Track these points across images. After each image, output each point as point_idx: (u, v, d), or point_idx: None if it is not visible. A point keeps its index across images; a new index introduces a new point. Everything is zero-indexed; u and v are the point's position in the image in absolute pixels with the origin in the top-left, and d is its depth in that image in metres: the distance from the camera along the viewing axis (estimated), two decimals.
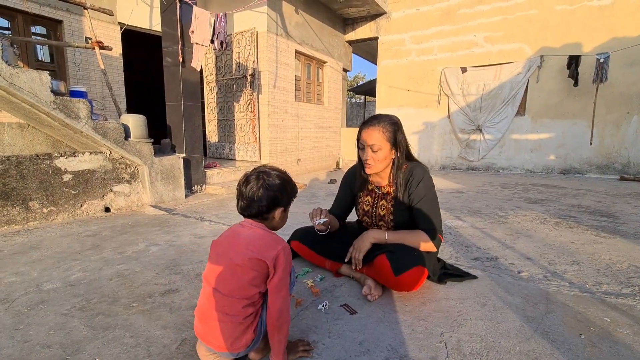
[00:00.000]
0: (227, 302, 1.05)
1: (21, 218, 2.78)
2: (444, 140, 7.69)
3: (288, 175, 1.19)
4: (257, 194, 1.10)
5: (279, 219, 1.18)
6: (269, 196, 1.10)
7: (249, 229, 1.12)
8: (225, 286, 1.06)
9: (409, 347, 1.23)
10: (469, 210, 3.52)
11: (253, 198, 1.10)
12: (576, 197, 4.23)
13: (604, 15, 5.98)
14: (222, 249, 1.11)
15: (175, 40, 4.05)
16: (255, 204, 1.10)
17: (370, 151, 1.56)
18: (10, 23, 4.51)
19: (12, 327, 1.34)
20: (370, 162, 1.59)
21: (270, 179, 1.12)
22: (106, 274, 1.87)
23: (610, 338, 1.29)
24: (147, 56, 8.11)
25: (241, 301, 1.05)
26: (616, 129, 6.11)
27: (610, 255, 2.20)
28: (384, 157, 1.58)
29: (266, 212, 1.12)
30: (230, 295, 1.05)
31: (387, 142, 1.56)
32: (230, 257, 1.08)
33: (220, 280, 1.08)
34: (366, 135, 1.58)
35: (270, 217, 1.15)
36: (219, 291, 1.07)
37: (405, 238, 1.58)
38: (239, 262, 1.05)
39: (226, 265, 1.08)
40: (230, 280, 1.06)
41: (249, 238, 1.09)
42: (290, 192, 1.18)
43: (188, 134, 4.25)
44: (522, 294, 1.65)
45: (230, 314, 1.04)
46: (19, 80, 2.55)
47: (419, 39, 7.65)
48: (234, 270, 1.06)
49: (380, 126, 1.55)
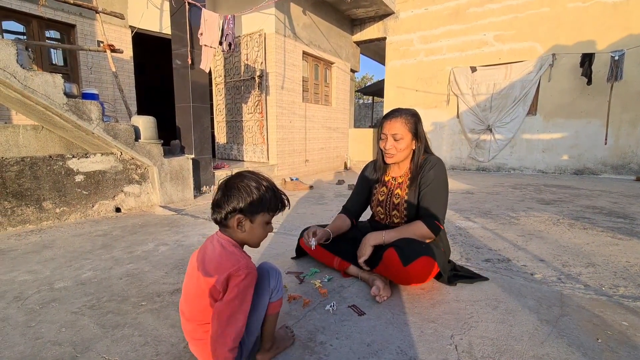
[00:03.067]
0: (190, 327, 1.00)
1: (35, 218, 2.83)
2: (453, 140, 7.61)
3: (269, 183, 1.03)
4: (217, 198, 0.99)
5: (239, 230, 0.99)
6: (227, 200, 0.97)
7: (212, 245, 1.01)
8: (187, 310, 1.01)
9: (418, 349, 1.21)
10: (480, 211, 3.46)
11: (214, 203, 1.00)
12: (590, 198, 4.13)
13: (618, 12, 5.84)
14: (190, 267, 1.03)
15: (185, 43, 4.10)
16: (215, 209, 0.99)
17: (393, 140, 1.62)
18: (26, 28, 4.62)
19: (24, 324, 1.37)
20: (392, 152, 1.64)
21: (235, 182, 0.98)
22: (116, 273, 1.89)
23: (629, 343, 1.24)
24: (157, 59, 8.23)
25: (202, 326, 0.97)
26: (632, 128, 5.95)
27: (628, 258, 2.13)
28: (406, 147, 1.63)
29: (224, 218, 0.98)
30: (191, 320, 0.99)
31: (408, 132, 1.62)
32: (191, 277, 1.01)
33: (184, 303, 1.02)
34: (389, 125, 1.63)
35: (230, 226, 0.99)
36: (183, 315, 1.02)
37: (401, 232, 1.60)
38: (196, 282, 0.97)
39: (188, 287, 1.01)
40: (191, 303, 0.99)
41: (208, 257, 0.99)
42: (260, 199, 0.98)
43: (197, 135, 4.29)
44: (536, 297, 1.61)
45: (196, 339, 1.00)
46: (33, 83, 2.60)
47: (427, 39, 7.59)
48: (195, 292, 0.98)
49: (402, 117, 1.62)
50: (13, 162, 2.72)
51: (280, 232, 2.73)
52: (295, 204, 3.86)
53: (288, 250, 2.24)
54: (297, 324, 1.37)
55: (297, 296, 1.57)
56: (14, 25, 4.54)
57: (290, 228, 2.83)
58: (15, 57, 2.49)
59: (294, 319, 1.41)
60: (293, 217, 3.20)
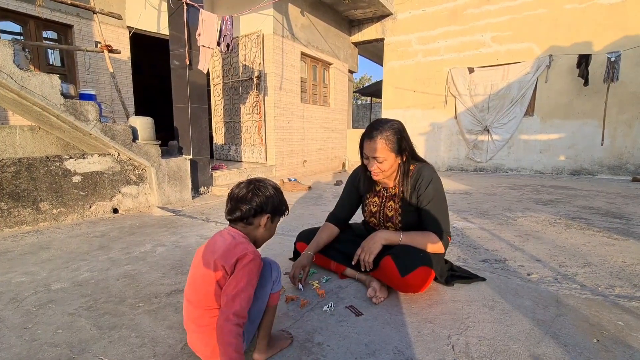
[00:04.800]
0: (197, 313, 1.04)
1: (32, 219, 2.82)
2: (451, 141, 7.63)
3: (281, 191, 1.19)
4: (247, 195, 1.09)
5: (264, 228, 1.13)
6: (258, 199, 1.09)
7: (222, 237, 1.09)
8: (193, 297, 1.05)
9: (415, 349, 1.21)
10: (477, 212, 3.47)
11: (241, 199, 1.09)
12: (587, 199, 4.15)
13: (614, 13, 5.88)
14: (197, 258, 1.09)
15: (183, 43, 4.09)
16: (243, 205, 1.08)
17: (376, 162, 1.55)
18: (23, 28, 4.60)
19: (20, 326, 1.36)
20: (377, 172, 1.58)
21: (263, 185, 1.12)
22: (113, 274, 1.89)
23: (624, 342, 1.25)
24: (155, 59, 8.21)
25: (209, 311, 1.02)
26: (628, 129, 5.98)
27: (624, 258, 2.15)
28: (390, 166, 1.56)
29: (252, 215, 1.10)
30: (198, 307, 1.03)
31: (391, 152, 1.53)
32: (199, 266, 1.06)
33: (190, 290, 1.07)
34: (369, 147, 1.54)
35: (255, 224, 1.12)
36: (190, 302, 1.06)
37: (415, 239, 1.56)
38: (204, 270, 1.03)
39: (195, 275, 1.07)
40: (198, 290, 1.04)
41: (217, 246, 1.06)
42: (279, 204, 1.15)
43: (195, 136, 4.29)
44: (532, 297, 1.61)
45: (202, 325, 1.03)
46: (30, 84, 2.59)
47: (425, 40, 7.61)
48: (202, 279, 1.03)
49: (382, 138, 1.51)
50: (10, 163, 2.71)
51: (278, 233, 2.73)
52: (293, 204, 3.85)
53: (286, 251, 2.24)
54: (295, 324, 1.37)
55: (295, 297, 1.58)
56: (10, 25, 4.52)
57: (288, 229, 2.83)
58: (11, 57, 2.48)
59: (292, 319, 1.41)
60: (291, 217, 3.20)
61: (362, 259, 1.56)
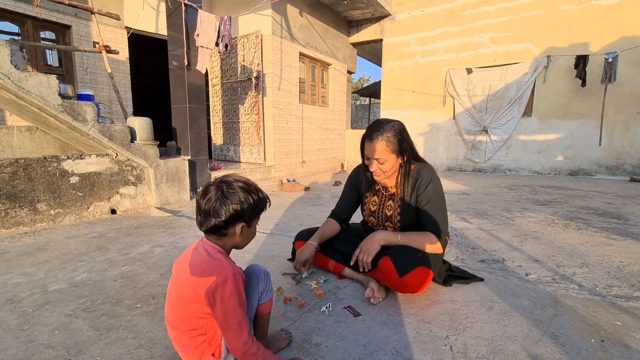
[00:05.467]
0: (175, 334, 1.01)
1: (29, 220, 2.81)
2: (450, 141, 7.64)
3: (255, 187, 1.05)
4: (214, 206, 0.97)
5: (239, 237, 1.02)
6: (228, 210, 0.97)
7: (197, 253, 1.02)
8: (172, 316, 1.01)
9: (413, 350, 1.21)
10: (475, 212, 3.48)
11: (209, 212, 0.97)
12: (585, 199, 4.16)
13: (612, 14, 5.90)
14: (175, 273, 1.04)
15: (181, 44, 4.09)
16: (212, 219, 0.97)
17: (377, 163, 1.55)
18: (20, 28, 4.59)
19: (17, 327, 1.35)
20: (379, 173, 1.58)
21: (231, 190, 0.98)
22: (111, 275, 1.88)
23: (622, 342, 1.25)
24: (153, 60, 8.21)
25: (188, 332, 0.98)
26: (626, 129, 6.00)
27: (621, 258, 2.15)
28: (391, 167, 1.57)
29: (224, 227, 0.99)
30: (177, 328, 1.00)
31: (392, 153, 1.53)
32: (176, 284, 1.01)
33: (169, 309, 1.03)
34: (370, 149, 1.55)
35: (230, 234, 1.01)
36: (168, 322, 1.03)
37: (414, 240, 1.56)
38: (182, 291, 0.98)
39: (173, 294, 1.02)
40: (176, 310, 1.00)
41: (193, 265, 0.98)
42: (255, 205, 1.02)
43: (193, 137, 4.28)
44: (530, 297, 1.61)
45: (182, 345, 1.00)
46: (27, 84, 2.58)
47: (423, 41, 7.62)
48: (179, 300, 0.99)
49: (383, 139, 1.51)
50: (7, 164, 2.70)
51: (276, 233, 2.72)
52: (291, 205, 3.85)
53: (284, 252, 2.24)
54: (293, 325, 1.37)
55: (293, 297, 1.57)
56: (8, 25, 4.51)
57: (287, 229, 2.83)
58: (9, 57, 2.47)
59: (290, 320, 1.41)
60: (289, 218, 3.19)
61: (360, 259, 1.55)
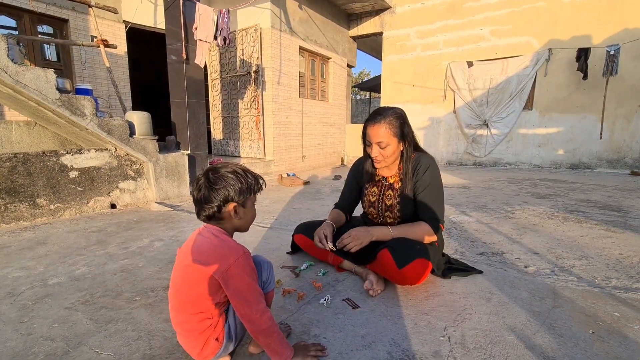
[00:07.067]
0: (182, 318, 1.02)
1: (29, 214, 2.81)
2: (450, 135, 7.61)
3: (243, 168, 1.07)
4: (204, 194, 1.01)
5: (236, 217, 1.05)
6: (217, 194, 1.00)
7: (202, 237, 1.04)
8: (178, 301, 1.02)
9: (411, 341, 1.21)
10: (475, 206, 3.47)
11: (202, 200, 1.02)
12: (585, 192, 4.15)
13: (614, 7, 5.84)
14: (179, 259, 1.05)
15: (179, 38, 4.06)
16: (205, 206, 1.02)
17: (379, 148, 1.55)
18: (17, 22, 4.56)
19: (17, 320, 1.36)
20: (380, 159, 1.58)
21: (217, 175, 1.02)
22: (110, 268, 1.88)
23: (620, 333, 1.26)
24: (152, 54, 8.16)
25: (195, 316, 1.00)
26: (627, 123, 5.97)
27: (621, 250, 2.15)
28: (393, 152, 1.57)
29: (218, 211, 1.02)
30: (184, 311, 1.01)
31: (394, 137, 1.54)
32: (182, 268, 1.02)
33: (174, 294, 1.04)
34: (372, 132, 1.55)
35: (225, 217, 1.04)
36: (174, 307, 1.04)
37: (408, 232, 1.57)
38: (189, 274, 1.00)
39: (178, 278, 1.03)
40: (182, 294, 1.01)
41: (200, 247, 1.01)
42: (245, 184, 1.04)
43: (192, 131, 4.27)
44: (529, 289, 1.62)
45: (188, 329, 1.01)
46: (24, 78, 2.57)
47: (424, 34, 7.56)
48: (185, 283, 1.00)
49: (385, 122, 1.52)
50: (6, 159, 2.69)
51: (276, 227, 2.72)
52: (291, 199, 3.85)
53: (283, 245, 2.24)
54: (292, 317, 1.37)
55: (292, 290, 1.58)
56: (5, 19, 4.47)
57: (286, 223, 2.83)
58: (5, 51, 2.46)
59: (288, 312, 1.41)
60: (289, 212, 3.19)
61: (346, 243, 1.53)
